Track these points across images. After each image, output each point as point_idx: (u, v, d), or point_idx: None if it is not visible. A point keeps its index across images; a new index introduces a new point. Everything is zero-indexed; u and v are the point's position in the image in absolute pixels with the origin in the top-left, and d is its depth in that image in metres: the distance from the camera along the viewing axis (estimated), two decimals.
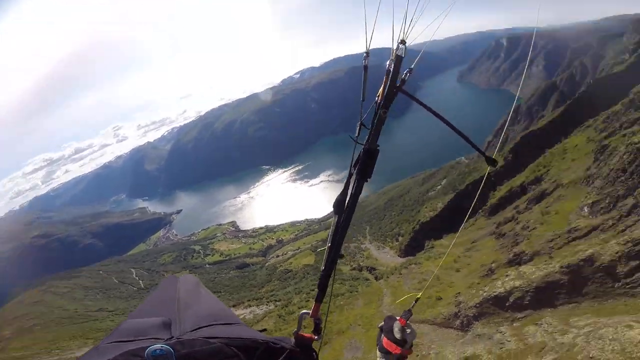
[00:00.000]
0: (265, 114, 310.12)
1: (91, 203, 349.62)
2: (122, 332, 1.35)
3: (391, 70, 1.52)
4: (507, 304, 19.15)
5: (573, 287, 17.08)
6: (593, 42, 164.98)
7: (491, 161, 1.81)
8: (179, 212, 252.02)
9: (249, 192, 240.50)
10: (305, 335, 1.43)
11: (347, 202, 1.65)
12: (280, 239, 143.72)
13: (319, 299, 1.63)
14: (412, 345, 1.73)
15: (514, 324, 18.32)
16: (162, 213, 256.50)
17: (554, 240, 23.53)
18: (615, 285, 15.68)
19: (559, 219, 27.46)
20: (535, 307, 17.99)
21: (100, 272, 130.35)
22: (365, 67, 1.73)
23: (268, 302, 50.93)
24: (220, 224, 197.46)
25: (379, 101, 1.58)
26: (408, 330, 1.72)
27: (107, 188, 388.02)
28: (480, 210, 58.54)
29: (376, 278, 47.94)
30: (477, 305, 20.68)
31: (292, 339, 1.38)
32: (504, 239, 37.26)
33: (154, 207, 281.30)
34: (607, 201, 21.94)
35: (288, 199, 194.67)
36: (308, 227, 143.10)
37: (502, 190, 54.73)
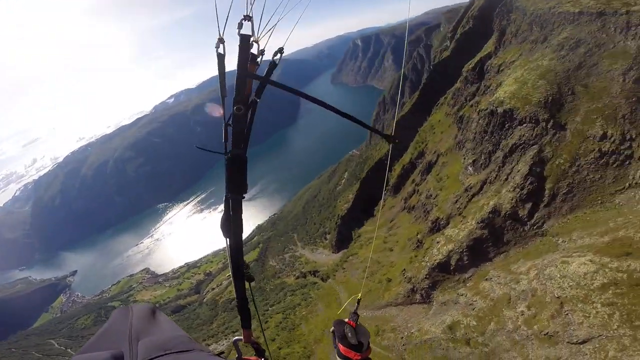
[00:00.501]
0: (143, 147, 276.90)
1: None
2: None
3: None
4: (451, 268, 22.22)
5: (495, 238, 20.89)
6: (422, 34, 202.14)
7: (390, 138, 1.90)
8: (74, 273, 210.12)
9: (151, 236, 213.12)
10: (251, 358, 1.45)
11: (230, 221, 1.54)
12: (208, 271, 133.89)
13: (245, 325, 1.54)
14: (369, 345, 1.70)
15: (467, 284, 21.23)
16: (53, 279, 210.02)
17: (458, 201, 28.89)
18: (524, 228, 19.75)
19: (452, 182, 33.94)
20: (475, 264, 21.26)
21: (13, 349, 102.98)
22: (220, 56, 1.46)
23: (225, 335, 47.23)
24: (131, 275, 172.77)
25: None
26: (361, 332, 1.70)
27: None
28: (385, 191, 66.45)
29: (323, 279, 49.44)
30: (427, 276, 23.38)
31: None
32: (415, 211, 43.54)
33: (39, 275, 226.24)
34: (482, 158, 28.31)
35: (201, 231, 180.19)
36: None
37: (397, 170, 63.47)
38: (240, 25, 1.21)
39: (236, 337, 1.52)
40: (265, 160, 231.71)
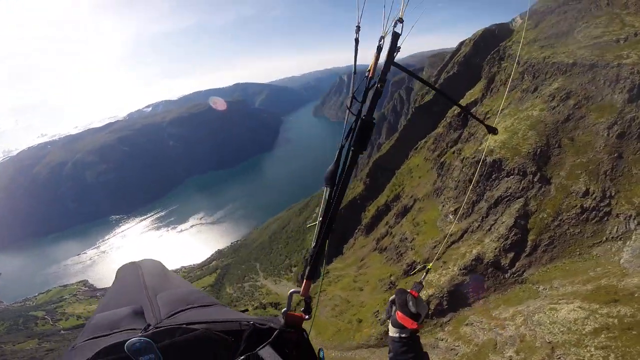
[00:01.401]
0: (108, 154, 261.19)
1: None
2: (95, 327, 1.31)
3: (382, 46, 1.51)
4: (429, 312, 20.62)
5: (476, 284, 19.84)
6: (405, 77, 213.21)
7: (492, 130, 1.88)
8: None
9: (97, 247, 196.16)
10: (296, 314, 1.33)
11: (340, 173, 1.55)
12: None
13: (309, 276, 1.47)
14: (423, 320, 1.66)
15: (446, 329, 19.56)
16: None
17: (436, 247, 27.02)
18: (505, 276, 18.97)
19: (429, 227, 32.01)
20: (453, 308, 20.02)
21: None
22: (357, 41, 1.72)
23: None
24: (65, 285, 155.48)
25: (370, 75, 1.57)
26: (422, 304, 1.67)
27: None
28: (357, 231, 63.86)
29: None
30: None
31: (282, 319, 1.28)
32: (387, 252, 41.09)
33: None
34: (465, 207, 26.50)
35: (155, 249, 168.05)
36: (188, 275, 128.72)
37: (370, 211, 61.55)
38: (394, 24, 1.44)
39: (294, 290, 1.45)
40: (235, 184, 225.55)
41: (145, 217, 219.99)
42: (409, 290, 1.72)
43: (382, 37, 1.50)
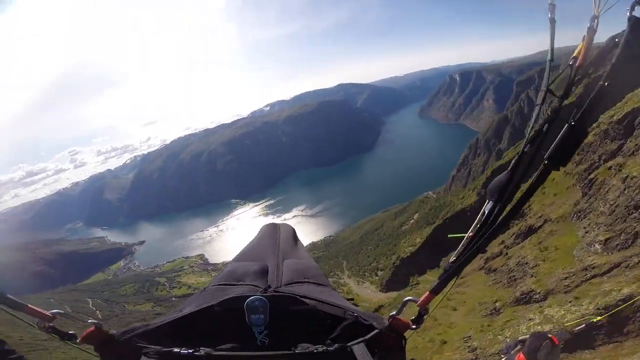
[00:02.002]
0: (235, 146, 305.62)
1: (43, 230, 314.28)
2: (227, 275, 1.49)
3: (594, 27, 1.12)
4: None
5: (613, 328, 15.53)
6: (535, 75, 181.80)
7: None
8: (141, 243, 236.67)
9: (217, 226, 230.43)
10: (403, 320, 1.24)
11: (510, 187, 1.20)
12: None
13: (435, 290, 1.29)
14: None
15: None
16: (123, 243, 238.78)
17: (568, 278, 21.97)
18: None
19: (561, 254, 26.18)
20: (569, 349, 16.17)
21: (52, 300, 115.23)
22: (552, 20, 1.30)
23: None
24: (187, 257, 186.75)
25: (579, 63, 1.16)
26: (555, 354, 1.40)
27: (61, 216, 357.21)
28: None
29: None
30: (499, 352, 18.57)
31: (386, 321, 1.24)
32: (496, 275, 35.64)
33: (114, 237, 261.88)
34: (622, 237, 20.77)
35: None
36: None
37: None
38: (632, 8, 1.04)
39: (409, 298, 1.33)
40: (334, 182, 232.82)
41: (257, 203, 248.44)
42: (549, 336, 1.41)
43: (596, 17, 1.13)
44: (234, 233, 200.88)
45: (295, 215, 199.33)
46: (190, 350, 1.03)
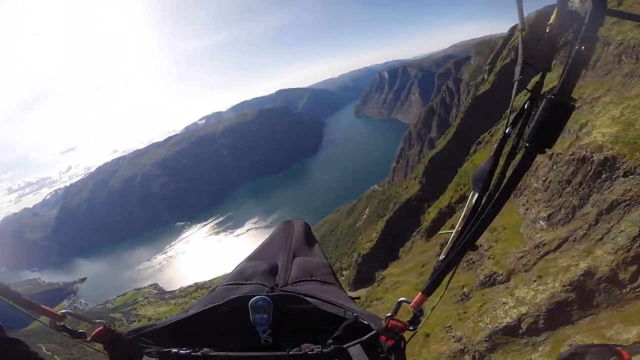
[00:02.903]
0: (170, 166, 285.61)
1: None
2: (237, 274, 1.54)
3: None
4: (520, 332, 18.13)
5: (583, 301, 16.85)
6: (451, 67, 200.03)
7: None
8: (82, 280, 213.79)
9: (165, 252, 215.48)
10: (399, 322, 1.20)
11: (496, 174, 1.10)
12: None
13: (427, 291, 1.21)
14: None
15: (540, 349, 17.10)
16: (61, 283, 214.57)
17: (524, 257, 23.77)
18: (623, 291, 15.84)
19: (510, 234, 28.50)
20: (551, 327, 17.25)
21: None
22: None
23: None
24: (139, 288, 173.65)
25: (555, 31, 1.02)
26: None
27: None
28: (415, 234, 60.62)
29: None
30: (487, 339, 19.24)
31: (383, 322, 1.21)
32: None
33: (49, 278, 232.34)
34: (562, 212, 23.05)
35: (216, 252, 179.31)
36: None
37: (431, 213, 57.81)
38: None
39: (403, 299, 1.27)
40: (284, 189, 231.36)
41: (205, 223, 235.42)
42: (617, 348, 1.17)
43: None
44: (187, 257, 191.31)
45: (249, 229, 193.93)
46: (189, 350, 1.06)
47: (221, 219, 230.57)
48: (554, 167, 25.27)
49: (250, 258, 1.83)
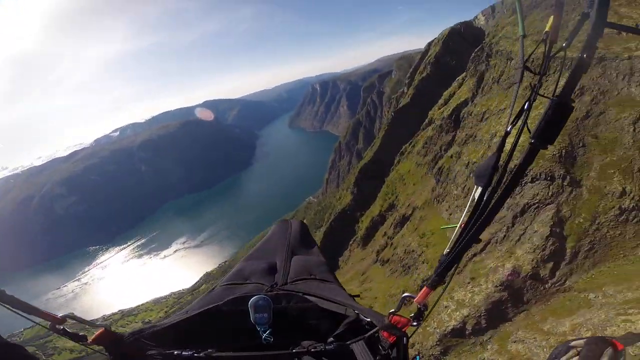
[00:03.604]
0: (78, 183, 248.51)
1: None
2: (235, 274, 1.54)
3: (563, 1, 1.12)
4: (467, 332, 18.63)
5: (515, 299, 18.02)
6: (375, 81, 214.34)
7: None
8: None
9: (78, 279, 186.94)
10: (402, 318, 1.21)
11: (501, 168, 1.16)
12: (147, 320, 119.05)
13: (432, 285, 1.23)
14: None
15: (489, 347, 17.68)
16: None
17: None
18: (545, 286, 17.19)
19: (438, 238, 29.81)
20: (493, 325, 18.05)
21: None
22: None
23: None
24: None
25: (551, 38, 1.14)
26: None
27: None
28: (351, 243, 61.26)
29: None
30: (438, 342, 19.44)
31: (386, 318, 1.21)
32: (390, 265, 38.66)
33: None
34: None
35: (140, 277, 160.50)
36: (178, 300, 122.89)
37: (365, 222, 59.11)
38: None
39: (407, 294, 1.29)
40: (215, 205, 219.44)
41: (124, 246, 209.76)
42: (612, 340, 1.19)
43: None
44: (105, 283, 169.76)
45: (176, 250, 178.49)
46: (191, 352, 1.06)
47: (143, 240, 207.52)
48: (471, 175, 27.04)
49: (248, 258, 1.78)
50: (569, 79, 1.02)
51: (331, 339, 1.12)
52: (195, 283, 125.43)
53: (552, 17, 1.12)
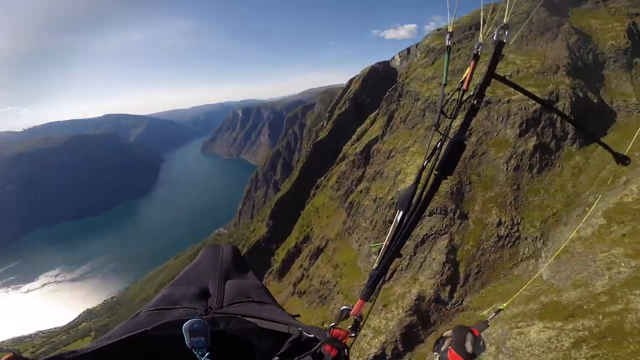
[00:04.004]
0: None
1: None
2: (162, 299, 1.47)
3: (478, 53, 1.36)
4: (387, 358, 18.80)
5: (424, 322, 19.16)
6: (299, 112, 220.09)
7: (622, 159, 1.62)
8: None
9: None
10: (342, 330, 1.31)
11: (417, 196, 1.40)
12: None
13: (365, 297, 1.41)
14: None
15: None
16: None
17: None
18: (447, 307, 18.85)
19: (350, 269, 30.68)
20: (409, 348, 18.64)
21: None
22: (449, 48, 1.62)
23: None
24: None
25: (465, 87, 1.41)
26: (480, 343, 1.50)
27: None
28: (267, 275, 58.64)
29: None
30: None
31: (327, 333, 1.28)
32: (307, 296, 38.09)
33: None
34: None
35: None
36: (49, 339, 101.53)
37: (280, 254, 57.77)
38: (498, 31, 1.30)
39: (345, 307, 1.41)
40: (103, 233, 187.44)
41: None
42: (470, 328, 1.50)
43: (480, 45, 1.37)
44: None
45: (46, 284, 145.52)
46: None
47: None
48: (378, 210, 29.19)
49: (175, 284, 1.66)
50: (464, 122, 1.29)
51: (276, 358, 1.11)
52: (73, 321, 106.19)
53: (468, 69, 1.35)
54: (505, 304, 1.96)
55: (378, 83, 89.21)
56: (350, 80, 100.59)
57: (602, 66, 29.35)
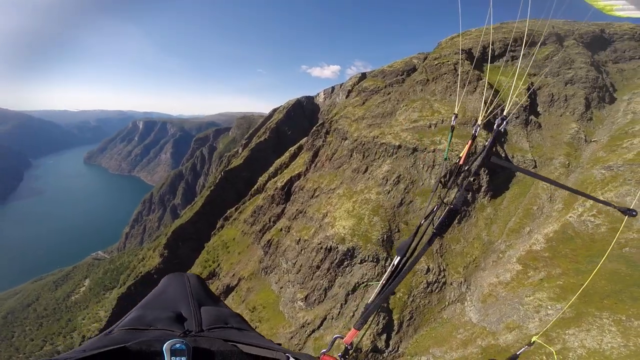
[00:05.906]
0: None
1: None
2: (134, 320, 1.44)
3: (476, 135, 1.72)
4: None
5: None
6: (210, 134, 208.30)
7: (628, 212, 1.75)
8: None
9: None
10: (332, 357, 1.43)
11: (411, 246, 1.75)
12: None
13: (358, 326, 1.62)
14: None
15: None
16: None
17: (294, 337, 23.35)
18: (384, 356, 18.14)
19: (271, 313, 27.46)
20: None
21: None
22: (452, 128, 2.05)
23: None
24: None
25: (461, 162, 1.76)
26: None
27: None
28: None
29: None
30: None
31: (317, 359, 1.33)
32: None
33: None
34: (316, 293, 24.61)
35: None
36: None
37: None
38: (500, 122, 1.68)
39: (338, 335, 1.64)
40: None
41: None
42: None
43: (478, 126, 1.69)
44: None
45: None
46: None
47: None
48: (302, 252, 27.66)
49: (144, 307, 1.60)
50: (458, 194, 1.60)
51: None
52: None
53: (466, 146, 1.65)
54: (537, 336, 2.22)
55: (300, 117, 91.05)
56: (274, 110, 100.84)
57: (507, 122, 34.51)
